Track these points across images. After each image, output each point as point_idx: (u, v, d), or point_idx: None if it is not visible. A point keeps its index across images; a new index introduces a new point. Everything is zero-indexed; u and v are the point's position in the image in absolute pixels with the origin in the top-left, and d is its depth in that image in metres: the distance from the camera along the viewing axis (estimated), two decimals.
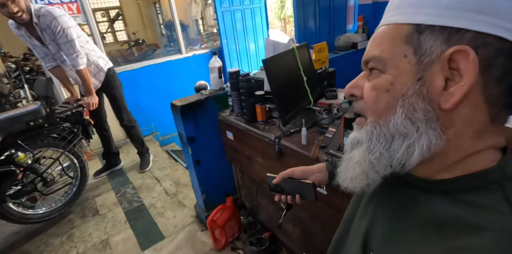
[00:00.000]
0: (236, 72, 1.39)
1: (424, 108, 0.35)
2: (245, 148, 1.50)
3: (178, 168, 2.68)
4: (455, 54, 0.32)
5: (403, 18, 0.35)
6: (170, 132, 3.44)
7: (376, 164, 0.39)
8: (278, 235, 1.71)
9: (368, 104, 0.40)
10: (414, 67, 0.35)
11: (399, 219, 0.41)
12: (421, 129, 0.35)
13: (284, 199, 0.85)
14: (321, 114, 1.30)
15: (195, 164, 1.70)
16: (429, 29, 0.33)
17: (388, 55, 0.36)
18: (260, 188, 1.68)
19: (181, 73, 3.37)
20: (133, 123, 2.56)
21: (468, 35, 0.32)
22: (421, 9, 0.34)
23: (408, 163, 0.37)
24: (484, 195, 0.34)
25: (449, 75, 0.33)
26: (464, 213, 0.34)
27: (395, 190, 0.44)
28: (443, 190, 0.37)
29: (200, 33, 4.46)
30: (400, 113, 0.36)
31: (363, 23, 2.45)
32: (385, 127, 0.37)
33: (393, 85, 0.36)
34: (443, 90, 0.33)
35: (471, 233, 0.31)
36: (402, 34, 0.35)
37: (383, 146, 0.38)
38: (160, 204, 2.20)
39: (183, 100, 1.59)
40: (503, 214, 0.31)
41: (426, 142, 0.35)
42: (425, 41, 0.34)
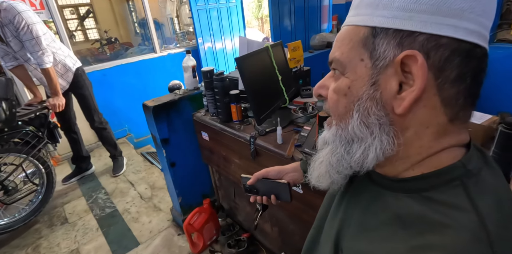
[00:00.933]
0: (210, 71, 1.36)
1: (377, 113, 0.35)
2: (221, 148, 1.47)
3: (153, 171, 2.59)
4: (406, 58, 0.32)
5: (360, 20, 0.35)
6: (145, 134, 3.33)
7: (337, 165, 0.41)
8: (257, 236, 1.69)
9: (331, 107, 0.40)
10: (370, 71, 0.35)
11: (368, 218, 0.40)
12: (375, 133, 0.36)
13: (260, 199, 0.83)
14: (297, 113, 1.29)
15: (170, 167, 1.64)
16: (383, 33, 0.33)
17: (347, 59, 0.36)
18: (237, 189, 1.65)
19: (156, 73, 3.26)
20: (105, 125, 2.44)
21: (421, 38, 0.31)
22: (377, 11, 0.34)
23: (364, 165, 0.38)
24: (446, 192, 0.34)
25: (403, 79, 0.33)
26: (427, 210, 0.33)
27: (365, 189, 0.44)
28: (408, 188, 0.37)
29: (176, 32, 4.36)
30: (356, 118, 0.37)
31: (337, 23, 2.49)
32: (345, 130, 0.39)
33: (350, 89, 0.37)
34: (397, 94, 0.34)
35: (433, 231, 0.31)
36: (359, 37, 0.35)
37: (344, 148, 0.40)
38: (134, 209, 2.12)
39: (156, 100, 1.53)
40: (464, 211, 0.31)
41: (379, 146, 0.36)
42: (379, 45, 0.34)
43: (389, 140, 0.36)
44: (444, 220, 0.31)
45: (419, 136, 0.35)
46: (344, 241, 0.43)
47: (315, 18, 2.58)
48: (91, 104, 2.30)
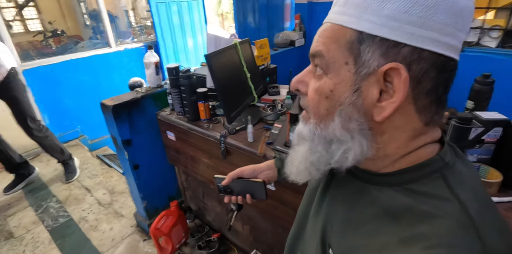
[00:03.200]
0: (176, 68, 1.30)
1: (358, 120, 0.36)
2: (189, 148, 1.42)
3: (112, 174, 2.42)
4: (390, 70, 0.33)
5: (348, 20, 0.35)
6: (100, 135, 3.09)
7: (317, 163, 0.42)
8: (227, 235, 1.67)
9: (311, 106, 0.40)
10: (353, 77, 0.35)
11: (354, 212, 0.41)
12: (355, 137, 0.37)
13: (235, 199, 0.82)
14: (266, 111, 1.29)
15: (133, 169, 1.55)
16: (369, 40, 0.33)
17: (332, 58, 0.36)
18: (206, 189, 1.62)
19: (111, 69, 3.04)
20: (45, 132, 2.18)
21: (405, 50, 0.32)
22: (365, 14, 0.33)
23: (343, 165, 0.39)
24: (428, 183, 0.36)
25: (383, 87, 0.34)
26: (413, 201, 0.35)
27: (347, 184, 0.45)
28: (391, 182, 0.38)
29: (132, 26, 4.10)
30: (337, 122, 0.37)
31: (300, 22, 2.55)
32: (325, 131, 0.39)
33: (333, 92, 0.37)
34: (377, 102, 0.35)
35: (422, 221, 0.33)
36: (345, 39, 0.35)
37: (323, 147, 0.40)
38: (92, 216, 1.96)
39: (116, 99, 1.42)
40: (448, 200, 0.33)
41: (358, 149, 0.37)
42: (364, 52, 0.34)
43: (368, 144, 0.37)
44: (430, 210, 0.33)
45: (396, 138, 0.37)
46: (331, 236, 0.44)
47: (277, 16, 2.61)
48: (26, 110, 2.04)
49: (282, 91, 1.51)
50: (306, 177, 0.45)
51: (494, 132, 0.82)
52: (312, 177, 0.44)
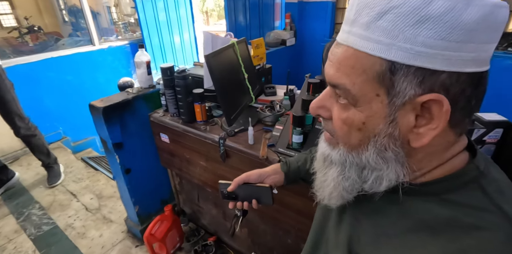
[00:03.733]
0: (170, 68, 1.25)
1: (395, 149, 0.35)
2: (184, 151, 1.37)
3: (99, 178, 2.33)
4: (429, 101, 0.32)
5: (375, 48, 0.32)
6: (84, 136, 2.96)
7: (349, 188, 0.41)
8: (224, 238, 1.64)
9: (339, 135, 0.39)
10: (386, 108, 0.34)
11: (386, 225, 0.40)
12: (391, 165, 0.37)
13: (240, 205, 0.79)
14: (264, 112, 1.27)
15: (124, 174, 1.48)
16: (403, 70, 0.31)
17: (360, 92, 0.34)
18: (201, 192, 1.58)
19: (95, 67, 2.91)
20: (34, 131, 2.08)
21: (443, 76, 0.30)
22: (397, 42, 0.30)
23: (377, 190, 0.39)
24: (466, 194, 0.35)
25: (419, 113, 0.33)
26: (453, 213, 0.34)
27: (373, 194, 0.43)
28: (425, 192, 0.37)
29: (115, 23, 3.94)
30: (372, 151, 0.37)
31: (290, 21, 2.54)
32: (357, 158, 0.38)
33: (365, 125, 0.36)
34: (413, 128, 0.34)
35: (466, 233, 0.32)
36: (375, 70, 0.32)
37: (356, 172, 0.40)
38: (79, 223, 1.87)
39: (105, 100, 1.35)
40: (490, 212, 0.32)
41: (393, 175, 0.37)
42: (398, 83, 0.32)
43: (403, 170, 0.36)
44: (474, 223, 0.32)
45: (430, 154, 0.37)
46: (360, 248, 0.42)
47: (268, 15, 2.59)
48: (14, 108, 1.93)
49: (279, 92, 1.48)
50: (339, 201, 0.44)
51: (495, 132, 0.84)
52: (344, 200, 0.43)
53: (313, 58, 2.68)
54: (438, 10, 0.28)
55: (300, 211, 1.05)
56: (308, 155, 0.80)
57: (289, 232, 1.20)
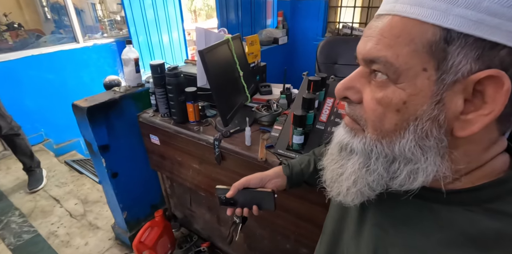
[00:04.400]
0: (161, 66, 1.18)
1: (438, 137, 0.30)
2: (176, 153, 1.30)
3: (84, 182, 2.21)
4: (485, 78, 0.27)
5: (429, 14, 0.27)
6: (67, 138, 2.82)
7: (373, 183, 0.36)
8: (218, 244, 1.57)
9: (370, 119, 0.33)
10: (434, 86, 0.29)
11: (420, 237, 0.35)
12: (430, 156, 0.31)
13: (239, 212, 0.74)
14: (261, 111, 1.21)
15: (111, 178, 1.39)
16: (461, 40, 0.26)
17: (404, 65, 0.29)
18: (194, 196, 1.51)
19: (79, 66, 2.78)
20: (17, 131, 1.97)
21: (503, 52, 0.26)
22: (455, 7, 0.26)
23: (409, 187, 0.33)
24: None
25: (469, 97, 0.28)
26: (505, 226, 0.29)
27: (400, 202, 0.38)
28: (466, 200, 0.32)
29: (101, 20, 3.80)
30: (409, 139, 0.31)
31: (283, 19, 2.49)
32: (389, 148, 0.33)
33: (406, 105, 0.30)
34: (460, 114, 0.29)
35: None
36: (425, 39, 0.28)
37: (383, 165, 0.34)
38: (63, 230, 1.76)
39: (90, 100, 1.26)
40: None
41: (432, 170, 0.32)
42: (453, 55, 0.27)
43: (443, 162, 0.31)
44: None
45: (469, 152, 0.32)
46: None
47: (260, 13, 2.54)
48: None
49: (275, 91, 1.43)
50: (358, 198, 0.38)
51: None
52: (364, 198, 0.38)
53: (306, 57, 2.65)
54: None
55: (300, 215, 1.00)
56: (312, 157, 0.75)
57: (288, 237, 1.15)
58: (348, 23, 2.56)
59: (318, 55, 2.03)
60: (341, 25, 2.61)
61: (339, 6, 2.64)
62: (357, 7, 2.56)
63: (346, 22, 2.60)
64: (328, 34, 2.63)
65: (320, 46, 2.04)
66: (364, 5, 2.56)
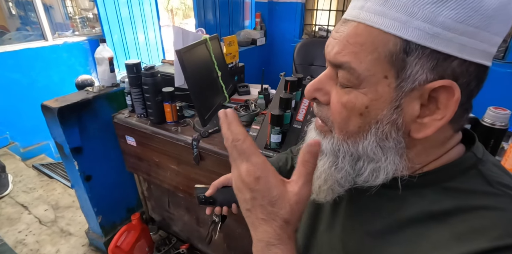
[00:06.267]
0: (137, 65, 1.15)
1: (396, 138, 0.33)
2: (153, 154, 1.28)
3: (54, 187, 2.11)
4: (439, 87, 0.30)
5: (391, 25, 0.29)
6: (35, 141, 2.67)
7: (342, 180, 0.38)
8: (197, 245, 1.56)
9: (337, 121, 0.36)
10: (393, 92, 0.31)
11: (387, 220, 0.37)
12: (389, 156, 0.34)
13: (219, 211, 0.75)
14: (239, 111, 1.22)
15: (84, 181, 1.34)
16: (418, 51, 0.29)
17: (367, 72, 0.31)
18: (172, 198, 1.49)
19: (48, 65, 2.64)
20: None
21: (455, 63, 0.29)
22: (415, 20, 0.28)
23: (372, 183, 0.36)
24: (468, 181, 0.34)
25: (425, 102, 0.31)
26: (458, 200, 0.33)
27: (365, 196, 0.40)
28: (425, 182, 0.36)
29: (71, 17, 3.64)
30: (371, 140, 0.34)
31: (260, 20, 2.52)
32: (353, 148, 0.36)
33: (368, 109, 0.33)
34: (417, 117, 0.32)
35: (475, 215, 0.31)
36: (387, 49, 0.30)
37: (349, 163, 0.37)
38: (32, 238, 1.67)
39: (61, 100, 1.21)
40: (495, 194, 0.32)
41: (391, 168, 0.35)
42: (411, 65, 0.30)
43: (401, 161, 0.35)
44: (482, 205, 0.31)
45: (426, 149, 0.35)
46: (360, 250, 0.40)
47: (238, 14, 2.55)
48: None
49: (253, 91, 1.45)
50: (329, 195, 0.41)
51: None
52: (335, 194, 0.40)
53: (283, 58, 2.69)
54: None
55: None
56: (289, 155, 0.77)
57: None
58: (324, 26, 2.64)
59: (295, 57, 2.08)
60: (317, 28, 2.69)
61: (315, 9, 2.71)
62: (332, 11, 2.65)
63: (322, 24, 2.68)
64: (305, 36, 2.69)
65: (297, 48, 2.08)
66: (338, 8, 2.65)
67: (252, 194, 0.33)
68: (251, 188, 0.33)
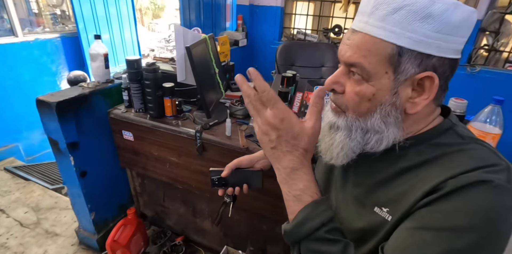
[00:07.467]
0: (137, 61, 1.20)
1: (395, 115, 0.46)
2: (152, 148, 1.32)
3: (32, 189, 2.02)
4: (424, 77, 0.43)
5: (389, 35, 0.42)
6: (2, 143, 2.51)
7: (354, 147, 0.50)
8: (192, 236, 1.61)
9: (350, 105, 0.48)
10: (392, 83, 0.44)
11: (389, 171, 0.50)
12: (390, 128, 0.47)
13: (231, 191, 0.83)
14: (236, 106, 1.31)
15: (79, 177, 1.34)
16: (408, 53, 0.42)
17: (373, 70, 0.44)
18: (168, 191, 1.53)
19: (17, 62, 2.50)
20: None
21: (434, 60, 0.42)
22: (405, 32, 0.41)
23: (376, 150, 0.49)
24: (447, 137, 0.48)
25: (415, 87, 0.45)
26: (442, 149, 0.46)
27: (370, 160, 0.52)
28: (417, 141, 0.48)
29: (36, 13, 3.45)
30: (377, 118, 0.47)
31: (242, 22, 2.62)
32: (363, 123, 0.48)
33: (375, 96, 0.45)
34: (409, 98, 0.45)
35: (455, 156, 0.45)
36: (386, 53, 0.43)
37: (360, 135, 0.49)
38: (14, 241, 1.60)
39: (58, 95, 1.21)
40: (467, 143, 0.46)
41: (391, 137, 0.47)
42: (404, 63, 0.43)
43: (398, 131, 0.47)
44: (459, 149, 0.45)
45: (417, 121, 0.49)
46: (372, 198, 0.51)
47: (220, 16, 2.63)
48: None
49: None
50: (345, 160, 0.52)
51: None
52: (349, 159, 0.52)
53: (264, 58, 2.82)
54: (438, 10, 0.40)
55: (277, 196, 1.11)
56: None
57: (265, 217, 1.26)
58: (302, 29, 2.81)
59: (277, 57, 2.21)
60: (296, 31, 2.85)
61: (293, 13, 2.88)
62: (310, 15, 2.83)
63: (300, 28, 2.85)
64: (284, 38, 2.84)
65: (279, 49, 2.22)
66: (315, 14, 2.84)
67: (278, 133, 0.45)
68: (277, 128, 0.44)
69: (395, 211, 0.46)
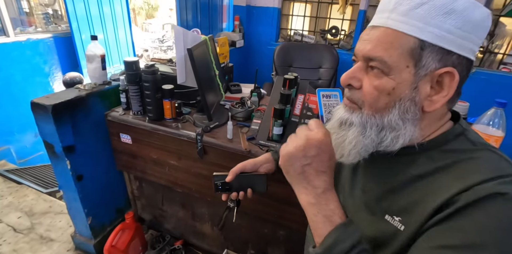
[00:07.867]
0: (136, 63, 1.17)
1: (414, 112, 0.45)
2: (151, 151, 1.29)
3: (26, 193, 1.97)
4: (444, 73, 0.42)
5: (411, 29, 0.41)
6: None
7: (368, 145, 0.48)
8: (192, 240, 1.59)
9: (367, 100, 0.47)
10: (413, 77, 0.43)
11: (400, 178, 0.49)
12: (408, 125, 0.45)
13: (235, 196, 0.81)
14: (236, 108, 1.30)
15: (76, 181, 1.31)
16: (430, 47, 0.41)
17: (394, 63, 0.43)
18: (167, 194, 1.50)
19: (9, 63, 2.43)
20: None
21: (454, 57, 0.42)
22: (428, 26, 0.41)
23: (392, 148, 0.47)
24: (459, 143, 0.47)
25: (434, 84, 0.44)
26: (454, 156, 0.45)
27: (379, 160, 0.52)
28: (429, 147, 0.48)
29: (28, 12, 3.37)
30: (395, 114, 0.45)
31: (239, 23, 2.60)
32: (380, 120, 0.47)
33: (394, 90, 0.44)
34: (428, 96, 0.44)
35: (467, 164, 0.44)
36: (408, 46, 0.42)
37: (375, 133, 0.47)
38: (7, 247, 1.55)
39: (53, 97, 1.18)
40: (477, 150, 0.45)
41: (408, 135, 0.46)
42: (425, 58, 0.42)
43: (415, 130, 0.46)
44: (471, 156, 0.44)
45: (430, 122, 0.48)
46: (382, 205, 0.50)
47: (216, 17, 2.61)
48: None
49: (244, 90, 1.53)
50: (356, 158, 0.50)
51: None
52: (360, 157, 0.50)
53: (261, 59, 2.81)
54: (460, 7, 0.40)
55: (279, 198, 1.11)
56: None
57: (267, 220, 1.24)
58: (299, 30, 2.80)
59: (275, 59, 2.20)
60: (293, 32, 2.85)
61: (290, 14, 2.88)
62: (307, 17, 2.83)
63: (297, 29, 2.85)
64: (281, 39, 2.83)
65: (276, 51, 2.21)
66: (312, 15, 2.85)
67: (317, 151, 0.45)
68: (317, 147, 0.45)
69: (408, 222, 0.45)
